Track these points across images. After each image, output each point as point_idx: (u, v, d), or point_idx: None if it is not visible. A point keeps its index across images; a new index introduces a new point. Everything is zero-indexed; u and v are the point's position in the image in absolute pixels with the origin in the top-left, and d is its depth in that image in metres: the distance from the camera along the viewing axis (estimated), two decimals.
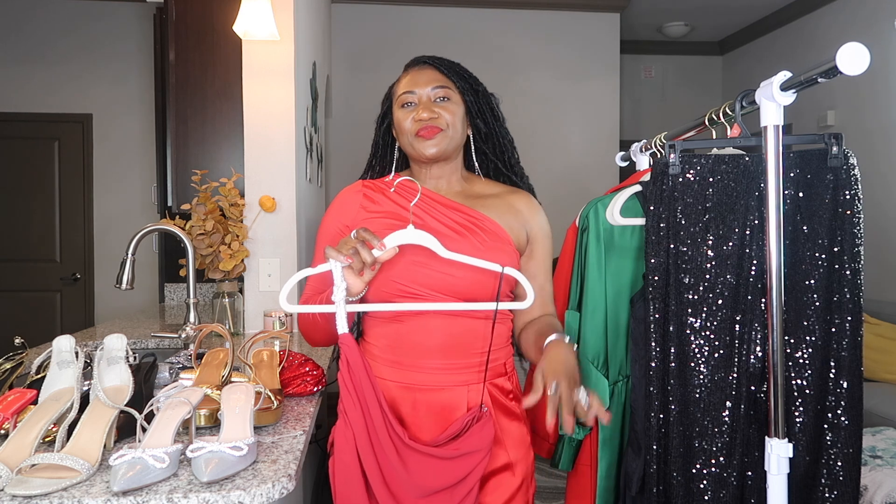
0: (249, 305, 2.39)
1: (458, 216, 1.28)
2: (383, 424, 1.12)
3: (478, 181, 1.37)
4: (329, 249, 1.11)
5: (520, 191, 1.38)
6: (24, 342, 1.50)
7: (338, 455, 1.16)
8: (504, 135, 1.38)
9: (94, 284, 4.52)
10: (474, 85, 1.34)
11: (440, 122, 1.27)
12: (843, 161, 1.27)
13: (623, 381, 1.53)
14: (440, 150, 1.27)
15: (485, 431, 1.19)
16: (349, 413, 1.13)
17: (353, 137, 4.55)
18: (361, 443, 1.12)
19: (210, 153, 2.64)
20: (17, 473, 0.93)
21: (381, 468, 1.13)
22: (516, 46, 4.80)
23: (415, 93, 1.29)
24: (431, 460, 1.14)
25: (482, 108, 1.34)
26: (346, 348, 1.12)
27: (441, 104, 1.28)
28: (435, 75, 1.30)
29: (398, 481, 1.13)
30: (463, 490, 1.17)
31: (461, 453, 1.16)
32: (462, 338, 1.24)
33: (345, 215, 1.33)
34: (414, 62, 1.35)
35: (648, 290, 1.35)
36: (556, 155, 4.79)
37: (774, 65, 5.03)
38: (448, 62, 1.33)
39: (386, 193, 1.32)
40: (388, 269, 1.21)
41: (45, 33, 4.45)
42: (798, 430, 1.29)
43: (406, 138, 1.30)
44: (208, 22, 2.61)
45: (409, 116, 1.28)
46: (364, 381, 1.12)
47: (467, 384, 1.24)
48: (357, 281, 1.13)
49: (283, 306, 1.15)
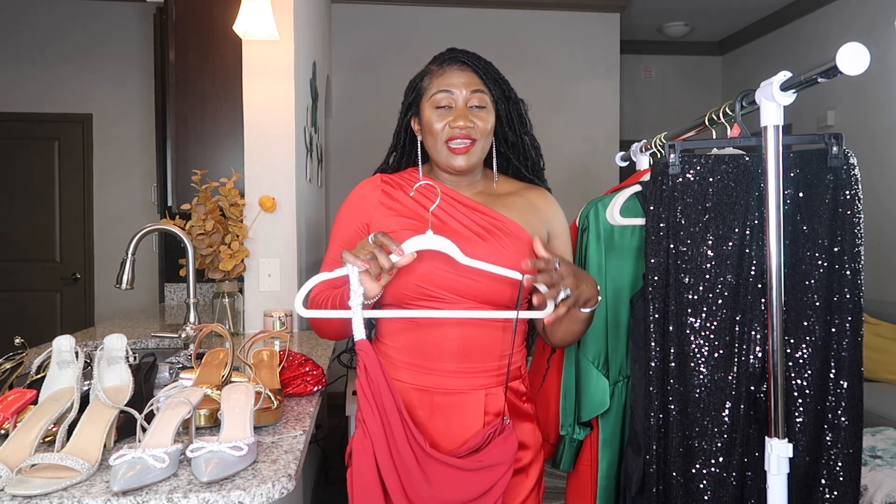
0: (249, 305, 2.39)
1: (479, 218, 1.26)
2: (403, 433, 1.09)
3: (499, 179, 1.35)
4: (346, 254, 1.09)
5: (536, 187, 1.36)
6: (24, 342, 1.50)
7: (356, 466, 1.12)
8: (530, 142, 1.35)
9: (94, 284, 4.52)
10: (507, 91, 1.30)
11: (475, 132, 1.23)
12: (844, 161, 1.27)
13: (623, 381, 1.53)
14: (469, 164, 1.25)
15: (507, 444, 1.16)
16: (368, 422, 1.10)
17: (353, 137, 4.56)
18: (380, 452, 1.09)
19: (210, 153, 2.64)
20: (17, 473, 0.93)
21: (401, 480, 1.10)
22: (516, 46, 4.80)
23: (452, 94, 1.24)
24: (453, 471, 1.12)
25: (511, 115, 1.31)
26: (364, 355, 1.10)
27: (476, 112, 1.24)
28: (473, 79, 1.25)
29: (419, 493, 1.10)
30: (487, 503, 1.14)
31: (483, 465, 1.14)
32: (479, 342, 1.22)
33: (363, 212, 1.29)
34: (450, 59, 1.27)
35: (648, 290, 1.35)
36: (555, 155, 4.76)
37: (774, 65, 5.02)
38: (484, 63, 1.28)
39: (406, 190, 1.29)
40: (406, 272, 1.18)
41: (45, 33, 4.45)
42: (798, 431, 1.29)
43: (436, 143, 1.25)
44: (208, 22, 2.61)
45: (444, 121, 1.24)
46: (383, 388, 1.09)
47: (485, 388, 1.23)
48: (374, 285, 1.11)
49: (298, 310, 1.14)
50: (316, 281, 1.17)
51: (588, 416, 1.54)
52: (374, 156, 1.46)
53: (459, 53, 1.29)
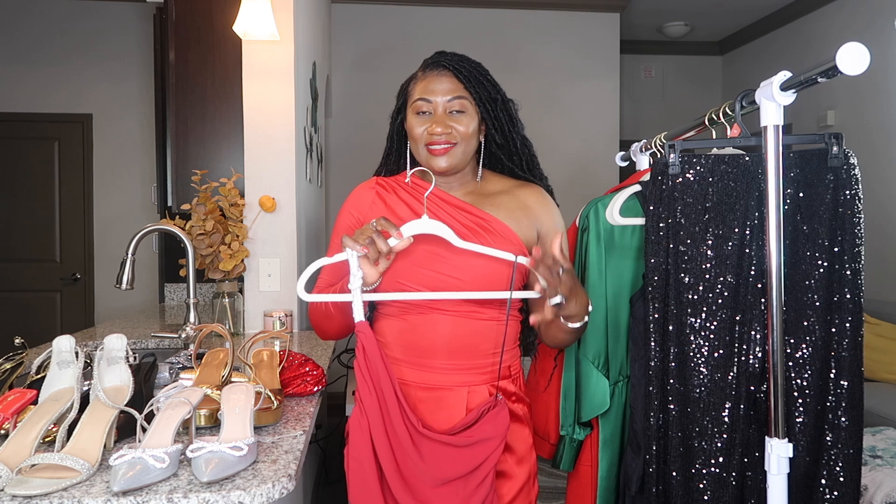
0: (249, 305, 2.39)
1: (464, 217, 1.28)
2: (398, 411, 1.13)
3: (490, 176, 1.36)
4: (346, 238, 1.12)
5: (530, 184, 1.36)
6: (24, 342, 1.50)
7: (352, 443, 1.17)
8: (521, 142, 1.36)
9: (94, 284, 4.52)
10: (493, 93, 1.30)
11: (453, 137, 1.25)
12: (844, 161, 1.27)
13: (623, 381, 1.53)
14: (450, 165, 1.27)
15: (499, 419, 1.19)
16: (364, 400, 1.14)
17: (353, 137, 4.56)
18: (376, 430, 1.13)
19: (210, 153, 2.64)
20: (17, 473, 0.93)
21: (395, 456, 1.13)
22: (516, 46, 4.80)
23: (430, 101, 1.26)
24: (446, 448, 1.15)
25: (499, 116, 1.32)
26: (363, 335, 1.13)
27: (455, 117, 1.26)
28: (452, 84, 1.27)
29: (412, 469, 1.13)
30: (477, 478, 1.16)
31: (475, 441, 1.17)
32: (469, 339, 1.24)
33: (358, 211, 1.34)
34: (433, 64, 1.29)
35: (648, 290, 1.35)
36: (555, 155, 4.79)
37: (774, 65, 5.02)
38: (468, 67, 1.29)
39: (398, 192, 1.32)
40: (402, 261, 1.22)
41: (45, 33, 4.45)
42: (798, 431, 1.29)
43: (417, 147, 1.28)
44: (208, 22, 2.61)
45: (423, 126, 1.26)
46: (380, 367, 1.13)
47: (468, 385, 1.25)
48: (372, 270, 1.14)
49: (300, 295, 1.17)
50: (317, 265, 1.21)
51: (588, 416, 1.54)
52: (373, 156, 1.46)
53: (443, 58, 1.29)
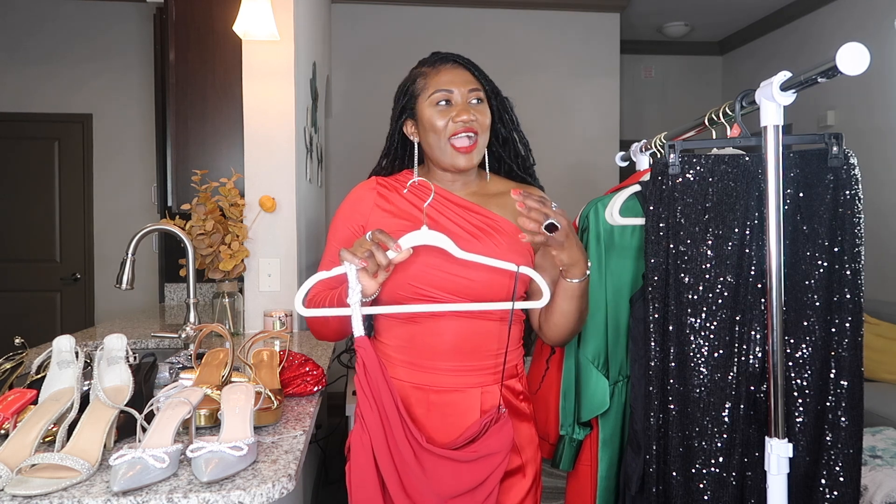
0: (249, 305, 2.39)
1: (473, 217, 1.27)
2: (401, 427, 1.10)
3: (491, 178, 1.36)
4: (344, 252, 1.10)
5: (531, 187, 1.38)
6: (24, 342, 1.50)
7: (354, 460, 1.14)
8: (520, 139, 1.37)
9: (94, 284, 4.52)
10: (495, 89, 1.33)
11: (477, 125, 1.25)
12: (844, 161, 1.27)
13: (623, 381, 1.53)
14: (472, 164, 1.27)
15: (503, 433, 1.17)
16: (366, 416, 1.12)
17: (353, 137, 4.56)
18: (378, 446, 1.11)
19: (210, 153, 2.64)
20: (17, 473, 0.93)
21: (398, 472, 1.11)
22: (516, 46, 4.80)
23: (452, 92, 1.26)
24: (450, 464, 1.13)
25: (501, 112, 1.33)
26: (363, 351, 1.11)
27: (476, 107, 1.26)
28: (469, 76, 1.28)
29: (416, 486, 1.11)
30: (483, 493, 1.15)
31: (480, 456, 1.15)
32: (475, 340, 1.23)
33: (359, 214, 1.31)
34: (443, 59, 1.30)
35: (648, 290, 1.35)
36: (555, 155, 4.79)
37: (774, 65, 5.03)
38: (474, 63, 1.31)
39: (400, 192, 1.31)
40: (402, 271, 1.19)
41: (44, 33, 4.45)
42: (798, 431, 1.29)
43: (439, 141, 1.26)
44: (208, 22, 2.61)
45: (447, 117, 1.25)
46: (381, 383, 1.11)
47: (481, 386, 1.24)
48: (371, 283, 1.12)
49: (298, 310, 1.15)
50: (315, 280, 1.17)
51: (588, 415, 1.54)
52: (373, 156, 1.46)
53: (453, 55, 1.31)
